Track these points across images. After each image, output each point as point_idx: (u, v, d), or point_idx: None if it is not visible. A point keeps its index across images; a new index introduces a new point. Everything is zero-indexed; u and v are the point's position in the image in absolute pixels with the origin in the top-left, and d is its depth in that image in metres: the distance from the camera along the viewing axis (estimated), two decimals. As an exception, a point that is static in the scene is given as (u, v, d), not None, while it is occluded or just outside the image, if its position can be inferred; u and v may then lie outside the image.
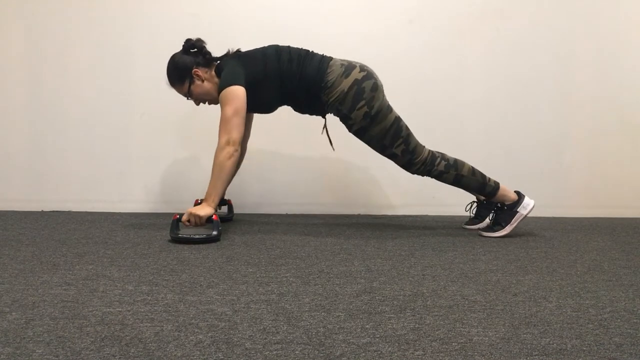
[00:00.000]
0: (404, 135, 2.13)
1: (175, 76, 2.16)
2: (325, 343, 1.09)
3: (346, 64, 2.13)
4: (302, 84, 2.11)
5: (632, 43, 2.77)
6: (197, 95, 2.18)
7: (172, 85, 2.19)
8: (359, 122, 2.10)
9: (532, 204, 2.19)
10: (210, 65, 2.19)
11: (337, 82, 2.08)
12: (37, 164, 2.78)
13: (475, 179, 2.18)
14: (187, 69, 2.14)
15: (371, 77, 2.12)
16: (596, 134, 2.80)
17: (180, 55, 2.18)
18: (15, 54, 2.74)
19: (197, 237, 1.99)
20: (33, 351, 1.03)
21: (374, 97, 2.09)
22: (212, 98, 2.20)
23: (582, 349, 1.08)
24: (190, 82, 2.15)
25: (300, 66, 2.11)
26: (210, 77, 2.17)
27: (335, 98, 2.08)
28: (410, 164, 2.16)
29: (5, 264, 1.67)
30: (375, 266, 1.70)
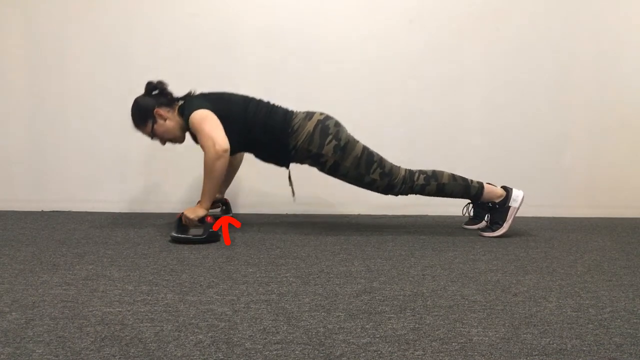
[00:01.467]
0: (377, 160, 2.16)
1: (138, 118, 2.19)
2: (325, 343, 1.09)
3: (308, 112, 2.20)
4: (267, 133, 2.14)
5: (632, 43, 2.77)
6: (161, 134, 2.20)
7: (137, 126, 2.22)
8: (332, 157, 2.13)
9: (521, 195, 2.21)
10: (172, 105, 2.21)
11: (302, 125, 2.14)
12: (37, 164, 2.78)
13: (457, 184, 2.19)
14: (149, 109, 2.16)
15: (332, 117, 2.20)
16: (596, 134, 2.80)
17: (142, 98, 2.20)
18: (16, 54, 2.74)
19: (194, 238, 2.00)
20: (33, 351, 1.03)
21: (339, 130, 2.16)
22: (176, 136, 2.22)
23: (582, 349, 1.08)
24: (153, 122, 2.17)
25: (266, 117, 2.15)
26: (173, 117, 2.19)
27: (304, 140, 2.13)
28: (391, 186, 2.17)
29: (5, 264, 1.67)
30: (375, 266, 1.70)
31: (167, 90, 2.22)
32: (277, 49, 2.73)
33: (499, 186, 2.25)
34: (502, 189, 2.22)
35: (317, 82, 2.75)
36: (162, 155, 2.77)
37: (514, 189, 2.22)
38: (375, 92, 2.76)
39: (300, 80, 2.75)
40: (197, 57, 2.73)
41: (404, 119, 2.77)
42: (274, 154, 2.22)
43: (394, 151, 2.75)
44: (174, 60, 2.73)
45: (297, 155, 2.18)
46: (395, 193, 2.20)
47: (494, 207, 2.22)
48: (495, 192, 2.22)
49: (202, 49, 2.73)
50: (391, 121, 2.77)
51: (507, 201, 2.20)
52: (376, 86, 2.75)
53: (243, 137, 2.14)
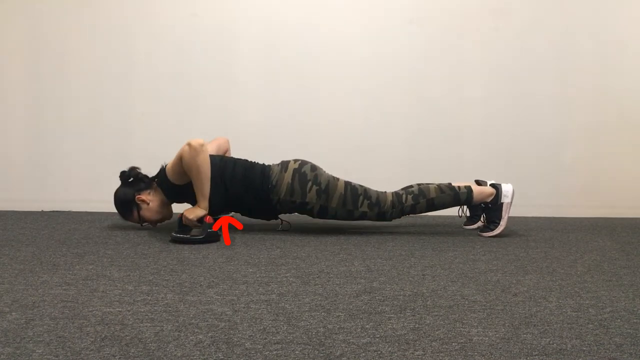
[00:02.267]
0: (362, 192, 2.16)
1: (123, 210, 2.22)
2: (325, 343, 1.09)
3: (282, 163, 2.20)
4: (248, 190, 2.15)
5: (632, 43, 2.77)
6: (148, 218, 2.21)
7: (125, 218, 2.24)
8: (317, 202, 2.14)
9: (511, 189, 2.21)
10: (150, 186, 2.22)
11: (279, 178, 2.14)
12: (37, 164, 2.78)
13: (446, 195, 2.19)
14: (130, 199, 2.18)
15: (307, 162, 2.20)
16: (596, 134, 2.80)
17: (121, 189, 2.22)
18: (16, 55, 2.74)
19: (194, 238, 2.00)
20: (33, 351, 1.03)
21: (316, 174, 2.16)
22: (163, 215, 2.24)
23: (582, 349, 1.08)
24: (138, 210, 2.19)
25: (244, 174, 2.16)
26: (155, 197, 2.20)
27: (285, 192, 2.13)
28: (382, 214, 2.18)
29: (5, 264, 1.67)
30: (375, 266, 1.70)
31: (141, 175, 2.24)
32: (277, 48, 2.73)
33: (488, 182, 2.25)
34: (491, 187, 2.22)
35: (317, 81, 2.75)
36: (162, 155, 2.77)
37: (503, 184, 2.21)
38: (375, 92, 2.76)
39: (299, 80, 2.75)
40: (197, 57, 2.73)
41: (403, 118, 2.77)
42: (259, 210, 2.23)
43: (394, 151, 2.75)
44: (174, 60, 2.74)
45: (283, 208, 2.19)
46: (388, 219, 2.21)
47: (487, 207, 2.22)
48: (484, 192, 2.21)
49: (202, 49, 2.73)
50: (391, 121, 2.77)
51: (498, 198, 2.20)
52: (376, 86, 2.75)
53: (225, 196, 2.14)
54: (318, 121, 2.76)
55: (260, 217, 2.27)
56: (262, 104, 2.76)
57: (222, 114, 2.76)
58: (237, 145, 2.48)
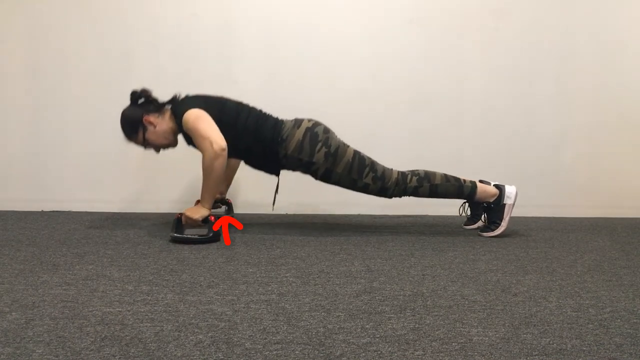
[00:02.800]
0: (369, 164, 2.16)
1: (128, 129, 2.18)
2: (325, 343, 1.09)
3: (296, 119, 2.20)
4: (258, 141, 2.14)
5: (632, 43, 2.77)
6: (153, 141, 2.19)
7: (129, 138, 2.21)
8: (323, 164, 2.13)
9: (514, 191, 2.21)
10: (160, 111, 2.19)
11: (291, 133, 2.13)
12: (37, 164, 2.78)
13: (450, 184, 2.19)
14: (138, 119, 2.15)
15: (320, 123, 2.19)
16: (596, 134, 2.80)
17: (128, 108, 2.19)
18: (16, 54, 2.74)
19: (193, 237, 2.00)
20: (33, 351, 1.03)
21: (328, 137, 2.15)
22: (169, 141, 2.22)
23: (582, 349, 1.08)
24: (144, 131, 2.16)
25: (257, 125, 2.15)
26: (163, 121, 2.17)
27: (294, 148, 2.12)
28: (384, 189, 2.17)
29: (5, 264, 1.67)
30: (375, 266, 1.70)
31: (152, 97, 2.20)
32: (277, 48, 2.73)
33: (492, 182, 2.25)
34: (495, 188, 2.22)
35: (317, 81, 2.75)
36: (162, 155, 2.77)
37: (507, 185, 2.22)
38: (374, 92, 2.76)
39: (299, 79, 2.75)
40: (197, 56, 2.73)
41: (403, 118, 2.77)
42: (264, 163, 2.22)
43: (393, 151, 2.75)
44: (174, 60, 2.74)
45: (288, 164, 2.18)
46: (389, 196, 2.20)
47: (490, 207, 2.22)
48: (488, 191, 2.21)
49: (202, 49, 2.73)
50: (390, 121, 2.78)
51: (501, 199, 2.20)
52: (376, 86, 2.75)
53: (234, 144, 2.13)
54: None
55: (263, 169, 2.26)
56: (262, 104, 2.75)
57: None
58: (237, 145, 2.48)
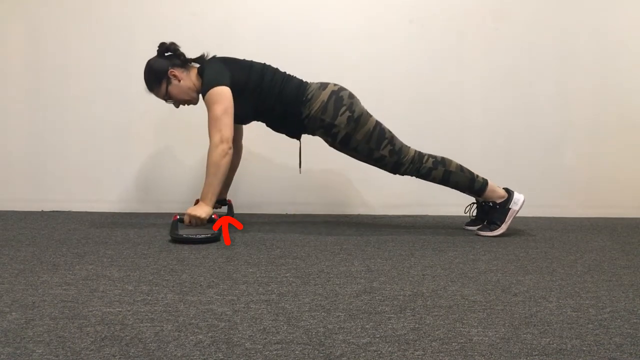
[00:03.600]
0: (389, 137, 2.17)
1: (152, 79, 2.18)
2: (325, 343, 1.09)
3: (322, 83, 2.21)
4: (281, 102, 2.15)
5: (632, 43, 2.77)
6: (175, 95, 2.19)
7: (151, 89, 2.21)
8: (344, 128, 2.13)
9: (522, 199, 2.21)
10: (186, 67, 2.20)
11: (315, 94, 2.14)
12: (37, 164, 2.78)
13: (463, 175, 2.19)
14: (163, 70, 2.16)
15: (346, 89, 2.19)
16: (596, 134, 2.80)
17: (155, 59, 2.20)
18: (16, 54, 2.74)
19: (198, 237, 1.99)
20: (33, 351, 1.03)
21: (352, 102, 2.15)
22: (191, 98, 2.22)
23: (582, 349, 1.08)
24: (168, 84, 2.16)
25: (281, 86, 2.16)
26: (188, 77, 2.18)
27: (317, 109, 2.12)
28: (398, 165, 2.17)
29: (5, 264, 1.67)
30: (375, 266, 1.70)
31: (179, 51, 2.21)
32: (277, 48, 2.73)
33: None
34: (505, 191, 2.23)
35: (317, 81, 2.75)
36: (162, 155, 2.77)
37: (516, 192, 2.22)
38: (374, 92, 2.76)
39: (300, 80, 2.74)
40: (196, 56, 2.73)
41: (402, 119, 2.77)
42: (286, 123, 2.22)
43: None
44: (174, 60, 2.73)
45: (310, 125, 2.18)
46: (402, 172, 2.20)
47: (494, 207, 2.22)
48: (497, 192, 2.22)
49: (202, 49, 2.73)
50: (390, 121, 2.76)
51: (508, 203, 2.20)
52: (375, 86, 2.75)
53: (257, 105, 2.15)
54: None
55: (284, 131, 2.26)
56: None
57: (222, 114, 2.76)
58: (237, 145, 2.48)
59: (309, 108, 2.14)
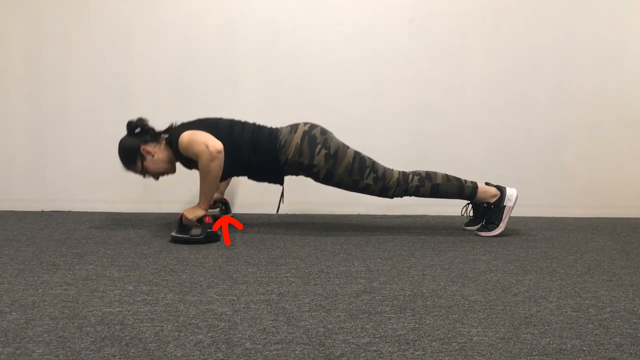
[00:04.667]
0: (370, 165, 2.17)
1: (126, 159, 2.20)
2: (325, 343, 1.09)
3: (292, 125, 2.20)
4: (256, 153, 2.15)
5: (632, 43, 2.77)
6: (152, 170, 2.21)
7: (127, 168, 2.23)
8: (324, 166, 2.14)
9: (515, 194, 2.22)
10: (157, 140, 2.22)
11: (288, 139, 2.14)
12: (37, 164, 2.78)
13: (451, 184, 2.20)
14: (135, 149, 2.17)
15: (317, 125, 2.20)
16: (596, 134, 2.80)
17: (126, 139, 2.21)
18: (16, 54, 2.74)
19: (189, 238, 2.00)
20: (33, 351, 1.03)
21: (326, 138, 2.16)
22: (168, 168, 2.24)
23: (582, 349, 1.08)
24: (142, 160, 2.18)
25: (252, 138, 2.16)
26: (160, 150, 2.20)
27: (293, 153, 2.13)
28: (385, 189, 2.18)
29: (5, 264, 1.67)
30: (375, 266, 1.70)
31: (148, 126, 2.23)
32: (276, 48, 2.73)
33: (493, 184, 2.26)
34: (496, 189, 2.23)
35: (317, 81, 2.75)
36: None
37: (508, 187, 2.23)
38: (374, 92, 2.76)
39: (299, 79, 2.75)
40: (197, 57, 2.73)
41: (403, 119, 2.77)
42: (267, 173, 2.23)
43: (393, 151, 2.75)
44: (173, 60, 2.74)
45: (290, 169, 2.19)
46: (390, 196, 2.21)
47: (489, 207, 2.23)
48: (489, 192, 2.22)
49: (202, 49, 2.73)
50: (390, 121, 2.78)
51: (501, 201, 2.21)
52: (375, 86, 2.75)
53: (233, 160, 2.14)
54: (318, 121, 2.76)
55: (267, 180, 2.27)
56: (262, 104, 2.76)
57: (222, 113, 2.75)
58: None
59: (285, 154, 2.14)
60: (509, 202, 2.21)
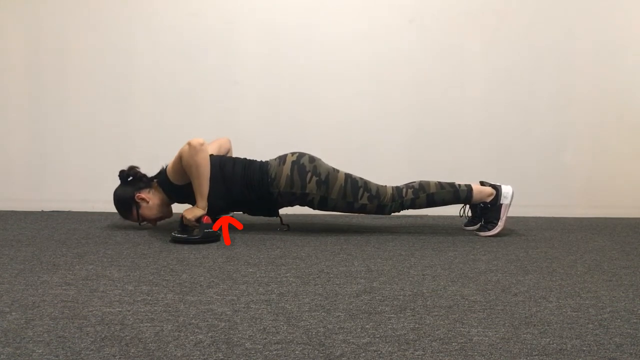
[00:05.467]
0: (362, 184, 2.17)
1: (122, 208, 2.22)
2: (325, 343, 1.09)
3: (279, 157, 2.21)
4: (249, 188, 2.15)
5: (632, 43, 2.77)
6: (148, 216, 2.21)
7: (124, 217, 2.24)
8: (317, 193, 2.14)
9: (510, 191, 2.22)
10: (150, 185, 2.22)
11: (278, 171, 2.15)
12: (37, 164, 2.78)
13: (445, 192, 2.20)
14: (130, 197, 2.18)
15: (304, 154, 2.21)
16: (596, 134, 2.79)
17: (120, 188, 2.23)
18: (16, 55, 2.74)
19: (188, 238, 2.00)
20: (33, 351, 1.03)
21: (315, 166, 2.17)
22: (164, 212, 2.25)
23: (582, 349, 1.08)
24: (137, 208, 2.19)
25: (244, 173, 2.16)
26: (154, 196, 2.20)
27: (285, 184, 2.14)
28: (382, 207, 2.18)
29: (5, 264, 1.67)
30: (375, 266, 1.70)
31: (140, 174, 2.25)
32: (277, 48, 2.73)
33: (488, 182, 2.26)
34: (491, 188, 2.23)
35: (317, 81, 2.75)
36: (163, 155, 2.77)
37: (503, 185, 2.23)
38: (374, 92, 2.76)
39: (299, 79, 2.75)
40: (197, 57, 2.73)
41: (403, 119, 2.77)
42: (261, 206, 2.23)
43: (393, 151, 2.75)
44: (174, 60, 2.74)
45: (284, 201, 2.20)
46: (387, 212, 2.21)
47: (486, 207, 2.23)
48: (484, 192, 2.22)
49: (202, 49, 2.73)
50: (390, 121, 2.77)
51: (498, 199, 2.21)
52: (375, 86, 2.75)
53: (227, 197, 2.15)
54: (318, 121, 2.76)
55: (261, 213, 2.27)
56: (263, 104, 2.76)
57: (222, 113, 2.76)
58: (237, 145, 2.48)
59: (277, 187, 2.14)
60: (505, 200, 2.21)
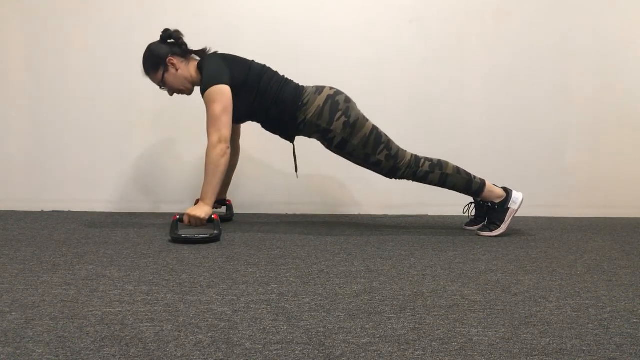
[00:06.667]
0: (385, 141, 2.16)
1: (150, 64, 2.17)
2: (325, 343, 1.09)
3: (317, 86, 2.20)
4: (277, 105, 2.14)
5: (632, 43, 2.77)
6: (171, 83, 2.18)
7: (147, 73, 2.20)
8: (340, 133, 2.13)
9: (520, 198, 2.21)
10: (186, 57, 2.20)
11: (311, 99, 2.13)
12: (37, 164, 2.77)
13: (460, 177, 2.19)
14: (162, 57, 2.15)
15: (342, 92, 2.19)
16: (596, 134, 2.79)
17: (156, 44, 2.19)
18: (16, 54, 2.74)
19: (198, 237, 1.99)
20: (33, 351, 1.03)
21: (349, 107, 2.14)
22: (186, 88, 2.22)
23: (582, 349, 1.08)
24: (165, 71, 2.16)
25: (278, 89, 2.15)
26: (186, 68, 2.18)
27: (313, 114, 2.12)
28: (395, 169, 2.17)
29: (5, 264, 1.67)
30: (375, 266, 1.70)
31: (182, 40, 2.20)
32: (277, 48, 2.73)
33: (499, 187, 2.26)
34: (503, 190, 2.23)
35: (317, 81, 2.74)
36: (162, 155, 2.77)
37: (514, 191, 2.23)
38: (374, 92, 2.75)
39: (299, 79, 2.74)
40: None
41: (403, 118, 2.77)
42: (281, 126, 2.21)
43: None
44: (174, 60, 2.73)
45: (306, 129, 2.17)
46: (398, 177, 2.20)
47: (493, 207, 2.22)
48: (495, 192, 2.22)
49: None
50: (390, 121, 2.76)
51: (506, 202, 2.20)
52: (375, 86, 2.75)
53: (253, 106, 2.14)
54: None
55: (279, 133, 2.25)
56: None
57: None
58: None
59: (304, 113, 2.13)
60: (513, 205, 2.20)
